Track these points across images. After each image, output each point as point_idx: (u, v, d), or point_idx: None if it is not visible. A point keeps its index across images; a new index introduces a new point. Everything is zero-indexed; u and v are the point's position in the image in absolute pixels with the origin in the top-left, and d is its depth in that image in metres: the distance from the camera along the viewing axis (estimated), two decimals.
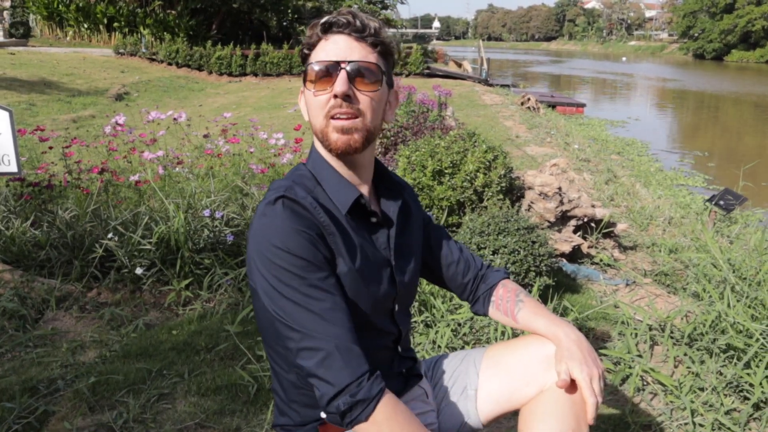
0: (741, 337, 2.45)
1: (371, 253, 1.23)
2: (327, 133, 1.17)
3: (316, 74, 1.16)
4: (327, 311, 1.08)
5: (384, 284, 1.24)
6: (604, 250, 4.04)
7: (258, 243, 1.12)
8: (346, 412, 1.06)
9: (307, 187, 1.20)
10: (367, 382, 1.07)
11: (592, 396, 1.21)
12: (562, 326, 1.32)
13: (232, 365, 2.56)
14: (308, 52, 1.21)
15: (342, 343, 1.07)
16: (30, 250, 3.45)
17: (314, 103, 1.18)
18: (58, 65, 17.30)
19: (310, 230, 1.11)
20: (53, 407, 2.27)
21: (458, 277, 1.47)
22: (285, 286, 1.08)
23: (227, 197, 3.77)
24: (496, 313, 1.45)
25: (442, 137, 3.95)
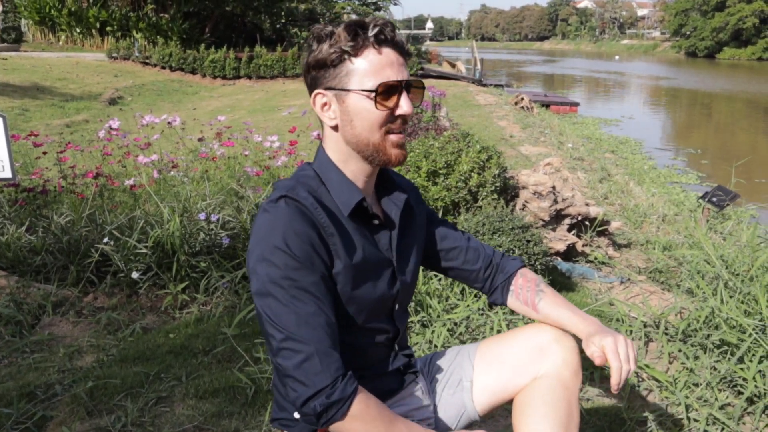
0: (734, 333, 2.47)
1: (372, 254, 1.25)
2: (384, 149, 1.21)
3: (384, 93, 1.18)
4: (311, 315, 1.11)
5: (384, 284, 1.27)
6: (599, 248, 4.07)
7: (257, 239, 1.15)
8: (322, 414, 1.10)
9: (311, 187, 1.22)
10: (341, 383, 1.11)
11: (617, 360, 1.23)
12: (584, 317, 1.35)
13: (230, 368, 2.57)
14: (350, 58, 1.19)
15: (321, 348, 1.10)
16: (25, 256, 3.45)
17: (372, 119, 1.19)
18: (50, 70, 17.26)
19: (309, 231, 1.13)
20: (51, 412, 2.28)
21: (468, 265, 1.47)
22: (274, 285, 1.11)
23: (223, 200, 3.78)
24: (516, 302, 1.46)
25: (436, 138, 3.97)
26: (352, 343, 1.26)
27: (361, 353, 1.28)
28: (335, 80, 1.20)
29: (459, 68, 25.92)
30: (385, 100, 1.18)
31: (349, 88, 1.18)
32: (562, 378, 1.30)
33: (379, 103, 1.17)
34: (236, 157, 4.86)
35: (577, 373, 1.32)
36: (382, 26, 1.17)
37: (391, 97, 1.18)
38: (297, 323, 1.10)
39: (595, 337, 1.28)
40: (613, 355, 1.24)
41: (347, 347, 1.25)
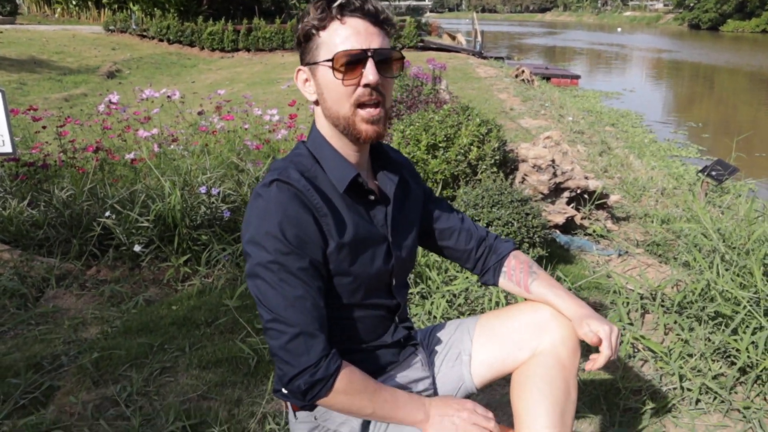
0: (729, 305, 2.51)
1: (367, 230, 1.26)
2: (354, 123, 1.20)
3: (345, 63, 1.16)
4: (298, 299, 1.14)
5: (379, 260, 1.29)
6: (597, 221, 4.09)
7: (250, 223, 1.17)
8: (308, 391, 1.15)
9: (305, 166, 1.23)
10: (324, 362, 1.15)
11: (609, 349, 1.29)
12: (576, 300, 1.38)
13: (232, 339, 2.61)
14: (317, 32, 1.19)
15: (306, 330, 1.14)
16: (28, 230, 3.48)
17: (339, 91, 1.18)
18: (47, 43, 17.11)
19: (302, 215, 1.16)
20: (58, 382, 2.32)
21: (461, 245, 1.50)
22: (264, 269, 1.14)
23: (223, 174, 3.79)
24: (508, 283, 1.49)
25: (436, 111, 3.96)
26: (352, 317, 1.29)
27: (362, 326, 1.31)
28: (309, 55, 1.21)
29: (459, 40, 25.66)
30: (348, 71, 1.17)
31: (317, 61, 1.20)
32: (560, 356, 1.32)
33: (338, 72, 1.17)
34: (236, 130, 4.86)
35: (575, 351, 1.34)
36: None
37: (356, 67, 1.17)
38: (284, 306, 1.14)
39: (591, 321, 1.32)
40: (608, 343, 1.29)
41: (349, 321, 1.28)
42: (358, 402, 1.19)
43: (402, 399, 1.25)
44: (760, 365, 2.26)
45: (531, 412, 1.26)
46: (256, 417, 2.09)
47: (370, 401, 1.20)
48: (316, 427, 1.29)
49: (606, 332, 1.29)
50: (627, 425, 2.18)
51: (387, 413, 1.23)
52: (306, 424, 1.31)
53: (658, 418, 2.21)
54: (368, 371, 1.25)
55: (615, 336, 1.30)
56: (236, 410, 2.13)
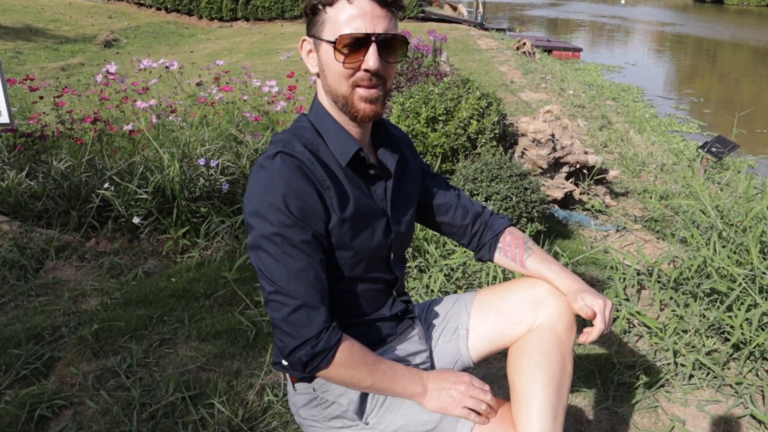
0: (725, 282, 2.52)
1: (367, 205, 1.27)
2: (352, 102, 1.20)
3: (347, 45, 1.15)
4: (300, 271, 1.14)
5: (379, 234, 1.29)
6: (596, 196, 4.09)
7: (253, 194, 1.16)
8: (308, 362, 1.16)
9: (307, 139, 1.23)
10: (325, 334, 1.16)
11: (603, 323, 1.31)
12: (570, 275, 1.40)
13: (231, 311, 2.63)
14: (324, 7, 1.18)
15: (308, 302, 1.15)
16: (27, 201, 3.48)
17: (339, 71, 1.18)
18: (43, 11, 16.88)
19: (305, 187, 1.15)
20: (59, 353, 2.35)
21: (457, 221, 1.50)
22: (267, 241, 1.14)
23: (222, 146, 3.78)
24: (503, 259, 1.50)
25: (436, 84, 3.93)
26: (351, 291, 1.30)
27: (360, 300, 1.32)
28: (314, 28, 1.20)
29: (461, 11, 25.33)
30: (349, 53, 1.16)
31: (321, 38, 1.19)
32: (557, 330, 1.34)
33: (339, 54, 1.16)
34: (235, 102, 4.82)
35: (571, 325, 1.36)
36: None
37: (359, 51, 1.16)
38: (287, 278, 1.14)
39: (586, 295, 1.33)
40: (602, 317, 1.31)
41: (347, 294, 1.29)
42: (358, 374, 1.21)
43: (400, 372, 1.26)
44: (754, 342, 2.28)
45: (528, 385, 1.28)
46: (254, 388, 2.11)
47: (369, 374, 1.22)
48: (314, 399, 1.31)
49: (600, 306, 1.31)
50: (621, 399, 2.21)
51: (385, 386, 1.25)
52: (304, 396, 1.32)
53: (651, 392, 2.24)
54: (367, 343, 1.26)
55: (609, 310, 1.32)
56: (235, 382, 2.16)
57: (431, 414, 1.26)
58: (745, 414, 2.16)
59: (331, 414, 1.30)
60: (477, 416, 1.26)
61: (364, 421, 1.29)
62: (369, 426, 1.29)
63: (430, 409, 1.26)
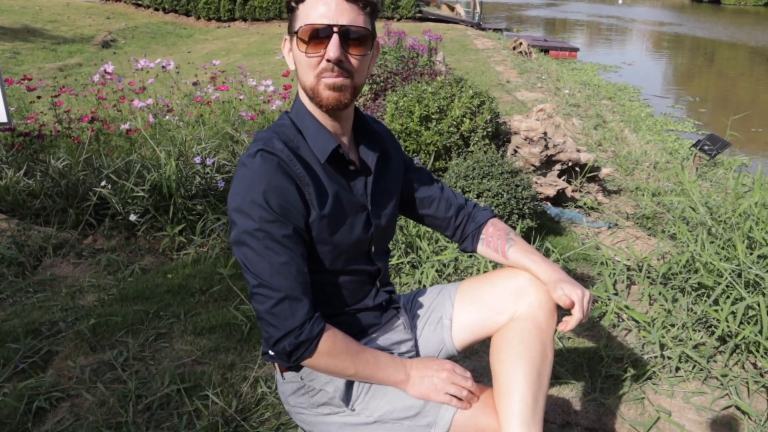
0: (712, 276, 2.57)
1: (347, 200, 1.31)
2: (318, 91, 1.23)
3: (309, 36, 1.19)
4: (283, 265, 1.19)
5: (359, 228, 1.33)
6: (588, 194, 4.13)
7: (236, 191, 1.21)
8: (292, 352, 1.21)
9: (287, 136, 1.27)
10: (308, 325, 1.21)
11: (581, 312, 1.35)
12: (551, 265, 1.44)
13: (226, 306, 2.67)
14: (296, 5, 1.23)
15: (291, 294, 1.19)
16: (24, 200, 3.51)
17: (304, 62, 1.22)
18: (40, 12, 16.91)
19: (285, 184, 1.20)
20: (56, 347, 2.38)
21: (440, 213, 1.55)
22: (250, 237, 1.18)
23: (218, 144, 3.82)
24: (486, 249, 1.54)
25: (429, 83, 3.97)
26: (334, 283, 1.34)
27: (343, 291, 1.36)
28: (290, 25, 1.26)
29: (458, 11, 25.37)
30: (312, 44, 1.20)
31: (292, 32, 1.24)
32: (537, 319, 1.38)
33: (302, 43, 1.20)
34: (231, 101, 4.86)
35: (551, 313, 1.40)
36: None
37: (322, 41, 1.19)
38: (270, 272, 1.18)
39: (564, 285, 1.37)
40: (579, 306, 1.36)
41: (330, 286, 1.33)
42: (341, 363, 1.25)
43: (383, 360, 1.31)
44: (739, 335, 2.33)
45: (509, 372, 1.32)
46: (248, 381, 2.16)
47: (352, 362, 1.26)
48: (302, 387, 1.35)
49: (578, 296, 1.35)
50: (608, 391, 2.25)
51: (369, 374, 1.29)
52: (292, 384, 1.37)
53: (638, 384, 2.29)
54: (351, 333, 1.30)
55: (587, 300, 1.36)
56: (229, 374, 2.20)
57: (415, 400, 1.30)
58: (729, 405, 2.20)
59: (318, 401, 1.34)
60: (459, 402, 1.30)
61: (351, 407, 1.33)
62: (355, 412, 1.33)
63: (414, 395, 1.31)
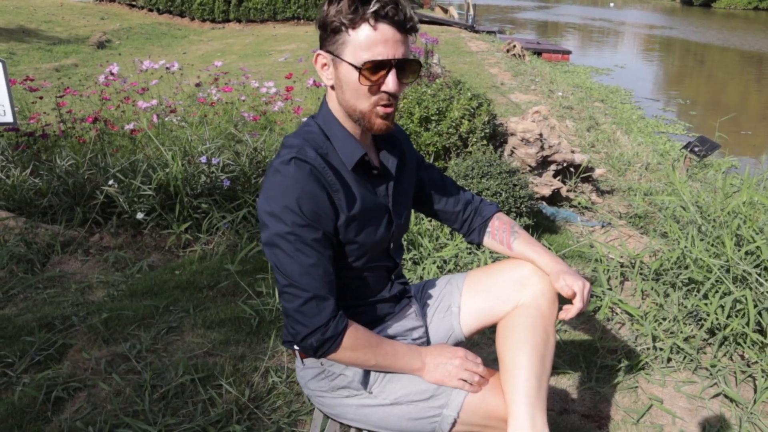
0: (701, 272, 2.68)
1: (372, 202, 1.40)
2: (371, 118, 1.31)
3: (370, 69, 1.25)
4: (311, 267, 1.28)
5: (382, 228, 1.43)
6: (583, 193, 4.24)
7: (269, 196, 1.28)
8: (318, 348, 1.31)
9: (318, 143, 1.34)
10: (333, 322, 1.30)
11: (581, 302, 1.45)
12: (552, 255, 1.54)
13: (234, 301, 2.75)
14: (345, 29, 1.25)
15: (318, 294, 1.29)
16: (32, 198, 3.58)
17: (361, 91, 1.28)
18: (35, 12, 16.91)
19: (318, 191, 1.28)
20: (70, 340, 2.46)
21: (449, 207, 1.65)
22: (282, 239, 1.27)
23: (221, 144, 3.90)
24: (492, 242, 1.64)
25: (428, 85, 4.07)
26: (357, 277, 1.44)
27: (364, 285, 1.47)
28: (333, 46, 1.28)
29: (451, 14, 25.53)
30: (371, 76, 1.26)
31: (342, 57, 1.27)
32: (540, 307, 1.48)
33: (364, 77, 1.26)
34: (233, 102, 4.94)
35: (553, 302, 1.49)
36: (383, 3, 1.23)
37: (379, 73, 1.25)
38: (300, 272, 1.28)
39: (567, 275, 1.47)
40: (580, 296, 1.45)
41: (353, 281, 1.43)
42: (363, 356, 1.36)
43: (401, 350, 1.41)
44: (728, 327, 2.44)
45: (514, 356, 1.41)
46: (259, 371, 2.24)
47: (373, 354, 1.36)
48: (322, 372, 1.44)
49: (579, 287, 1.45)
50: (603, 381, 2.35)
51: (388, 364, 1.39)
52: (312, 370, 1.46)
53: (631, 374, 2.39)
54: (369, 322, 1.40)
55: (587, 290, 1.46)
56: (241, 365, 2.28)
57: (429, 384, 1.40)
58: (718, 393, 2.31)
59: (338, 385, 1.43)
60: (470, 386, 1.39)
61: (368, 390, 1.42)
62: (373, 395, 1.42)
63: (429, 381, 1.40)
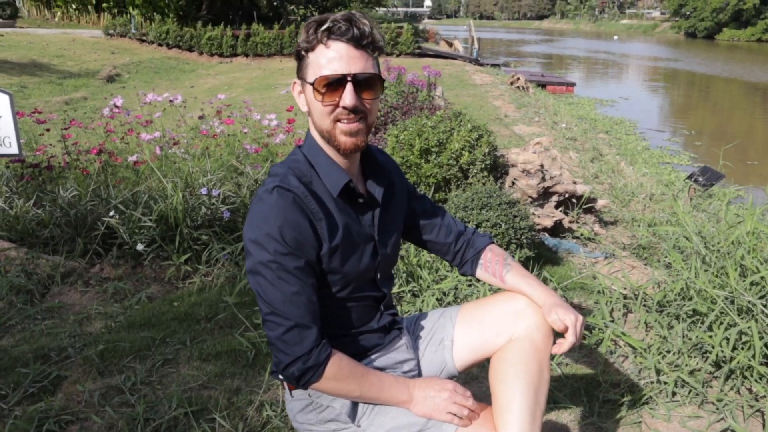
0: (705, 303, 2.63)
1: (356, 231, 1.40)
2: (335, 136, 1.33)
3: (325, 87, 1.28)
4: (294, 295, 1.28)
5: (366, 258, 1.42)
6: (585, 225, 4.22)
7: (252, 224, 1.30)
8: (300, 377, 1.30)
9: (302, 171, 1.36)
10: (316, 351, 1.29)
11: (574, 336, 1.42)
12: (545, 288, 1.52)
13: (231, 333, 2.73)
14: (306, 54, 1.31)
15: (300, 322, 1.29)
16: (34, 229, 3.59)
17: (320, 110, 1.31)
18: (47, 47, 17.24)
19: (300, 219, 1.29)
20: (65, 372, 2.44)
21: (441, 239, 1.63)
22: (264, 267, 1.28)
23: (223, 176, 3.91)
24: (484, 274, 1.62)
25: (429, 117, 4.09)
26: (342, 307, 1.43)
27: (350, 315, 1.45)
28: (301, 71, 1.34)
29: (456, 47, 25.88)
30: (327, 93, 1.29)
31: (306, 80, 1.32)
32: (534, 340, 1.45)
33: (318, 93, 1.29)
34: (235, 134, 4.98)
35: (548, 335, 1.46)
36: (334, 22, 1.26)
37: (337, 90, 1.28)
38: (282, 300, 1.28)
39: (559, 309, 1.44)
40: (573, 330, 1.42)
41: (339, 310, 1.42)
42: (347, 386, 1.33)
43: (387, 382, 1.38)
44: (733, 360, 2.39)
45: (508, 390, 1.38)
46: (254, 404, 2.21)
47: (358, 385, 1.34)
48: (310, 404, 1.42)
49: (572, 321, 1.42)
50: (606, 416, 2.30)
51: (374, 395, 1.37)
52: (301, 402, 1.43)
53: (635, 409, 2.34)
54: (357, 353, 1.38)
55: (580, 324, 1.43)
56: (235, 398, 2.25)
57: (418, 417, 1.37)
58: (725, 429, 2.25)
59: (326, 417, 1.41)
60: (460, 420, 1.36)
61: (357, 423, 1.39)
62: (361, 428, 1.39)
63: (417, 414, 1.37)
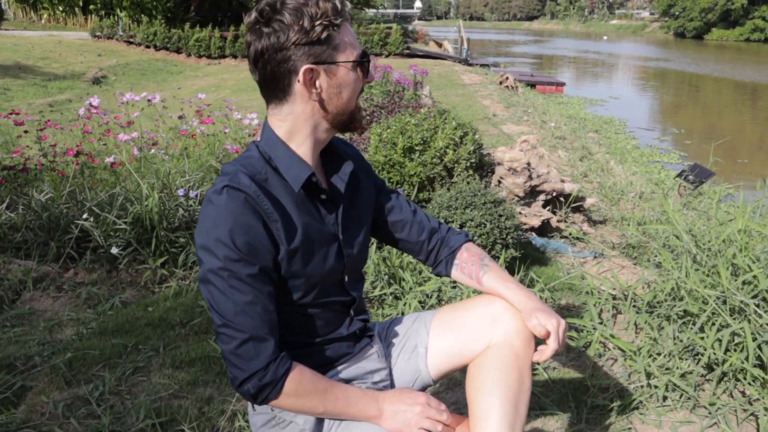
0: (697, 304, 2.56)
1: (318, 230, 1.28)
2: (357, 115, 1.29)
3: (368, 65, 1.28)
4: (247, 305, 1.16)
5: (331, 259, 1.31)
6: (574, 224, 4.14)
7: (201, 229, 1.18)
8: (257, 394, 1.18)
9: (256, 169, 1.23)
10: (273, 365, 1.18)
11: (556, 342, 1.32)
12: (525, 290, 1.41)
13: (206, 339, 2.63)
14: (337, 30, 1.20)
15: (255, 334, 1.17)
16: (6, 233, 3.48)
17: (356, 89, 1.26)
18: (32, 49, 17.05)
19: (252, 221, 1.17)
20: (30, 382, 2.33)
21: (413, 237, 1.51)
22: (214, 275, 1.16)
23: (202, 177, 3.82)
24: (460, 275, 1.51)
25: (413, 115, 4.00)
26: (307, 314, 1.31)
27: (317, 321, 1.33)
28: (324, 54, 1.19)
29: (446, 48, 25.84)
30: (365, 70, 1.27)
31: (336, 60, 1.21)
32: (514, 346, 1.35)
33: (361, 71, 1.26)
34: (216, 134, 4.88)
35: (529, 341, 1.36)
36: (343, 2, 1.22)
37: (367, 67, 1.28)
38: (234, 311, 1.16)
39: (540, 313, 1.34)
40: (555, 336, 1.32)
41: (304, 317, 1.30)
42: (309, 403, 1.23)
43: (354, 396, 1.27)
44: (726, 362, 2.31)
45: (485, 401, 1.29)
46: (225, 414, 2.11)
47: (320, 401, 1.23)
48: (272, 418, 1.32)
49: (554, 326, 1.32)
50: (594, 422, 2.21)
51: (339, 411, 1.26)
52: (263, 416, 1.33)
53: (625, 414, 2.25)
54: (324, 363, 1.27)
55: (562, 329, 1.33)
56: (206, 408, 2.15)
57: None
58: None
59: None
60: None
61: None
62: None
63: (387, 430, 1.27)
